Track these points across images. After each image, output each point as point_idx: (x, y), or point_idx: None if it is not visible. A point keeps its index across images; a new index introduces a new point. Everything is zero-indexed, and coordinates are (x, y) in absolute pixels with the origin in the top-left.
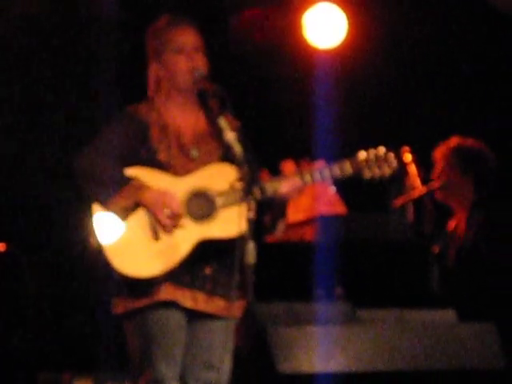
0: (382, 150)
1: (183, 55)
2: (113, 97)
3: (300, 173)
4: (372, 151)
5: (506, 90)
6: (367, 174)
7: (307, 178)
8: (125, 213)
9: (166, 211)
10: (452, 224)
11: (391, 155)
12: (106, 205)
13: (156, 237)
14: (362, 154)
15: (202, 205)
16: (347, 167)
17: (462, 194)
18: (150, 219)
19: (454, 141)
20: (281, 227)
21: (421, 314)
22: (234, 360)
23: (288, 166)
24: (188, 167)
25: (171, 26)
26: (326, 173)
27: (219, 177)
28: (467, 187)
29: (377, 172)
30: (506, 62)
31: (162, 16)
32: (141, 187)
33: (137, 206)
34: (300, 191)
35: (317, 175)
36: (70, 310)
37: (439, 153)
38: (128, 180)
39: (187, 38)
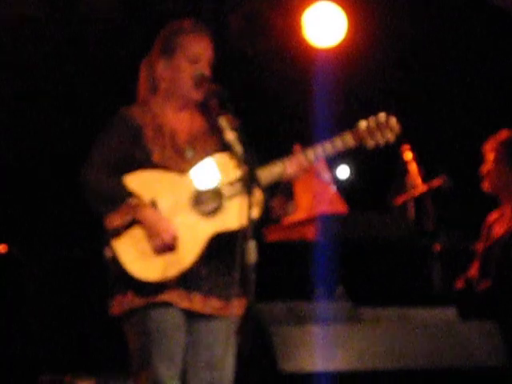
0: (382, 115)
1: (196, 66)
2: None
3: (303, 151)
4: (372, 119)
5: (506, 87)
6: (370, 143)
7: (310, 155)
8: (122, 228)
9: (158, 241)
10: (495, 215)
11: (393, 119)
12: (107, 220)
13: None
14: (363, 123)
15: (210, 199)
16: (349, 139)
17: (510, 186)
18: None
19: (503, 134)
20: (291, 209)
21: (422, 312)
22: (236, 360)
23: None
24: (183, 168)
25: (193, 31)
26: (328, 147)
27: (222, 168)
28: None
29: (380, 139)
30: (506, 60)
31: (187, 18)
32: (137, 206)
33: (134, 222)
34: (305, 170)
35: (319, 151)
36: (71, 312)
37: (489, 146)
38: (127, 196)
39: (205, 51)
